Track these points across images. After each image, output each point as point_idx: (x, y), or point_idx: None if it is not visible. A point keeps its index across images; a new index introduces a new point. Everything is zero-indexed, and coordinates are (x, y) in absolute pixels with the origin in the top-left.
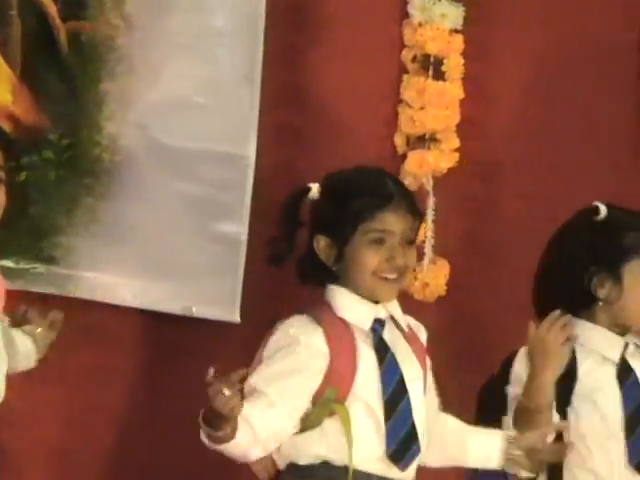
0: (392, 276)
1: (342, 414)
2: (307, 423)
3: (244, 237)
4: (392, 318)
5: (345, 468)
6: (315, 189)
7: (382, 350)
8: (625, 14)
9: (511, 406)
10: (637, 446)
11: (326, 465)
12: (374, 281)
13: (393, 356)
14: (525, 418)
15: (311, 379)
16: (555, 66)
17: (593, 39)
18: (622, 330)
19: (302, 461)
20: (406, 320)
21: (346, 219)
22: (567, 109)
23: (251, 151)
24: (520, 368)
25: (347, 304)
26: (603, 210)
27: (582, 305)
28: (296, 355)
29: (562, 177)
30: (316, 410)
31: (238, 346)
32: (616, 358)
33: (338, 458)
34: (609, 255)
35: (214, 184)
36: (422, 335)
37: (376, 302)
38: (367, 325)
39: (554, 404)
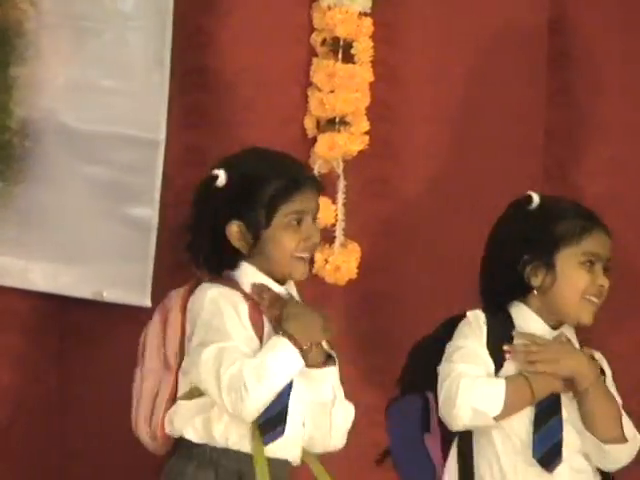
0: (307, 255)
1: None
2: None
3: (155, 221)
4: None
5: (217, 449)
6: (222, 176)
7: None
8: None
9: (449, 356)
10: (542, 441)
11: (202, 445)
12: (292, 261)
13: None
14: (524, 400)
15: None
16: (464, 49)
17: (502, 22)
18: (557, 322)
19: (188, 435)
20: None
21: (263, 203)
22: (476, 92)
23: (161, 135)
24: (466, 328)
25: (251, 279)
26: (536, 199)
27: (518, 294)
28: (234, 313)
29: (471, 160)
30: None
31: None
32: None
33: (215, 440)
34: (542, 244)
35: (124, 168)
36: None
37: (277, 281)
38: None
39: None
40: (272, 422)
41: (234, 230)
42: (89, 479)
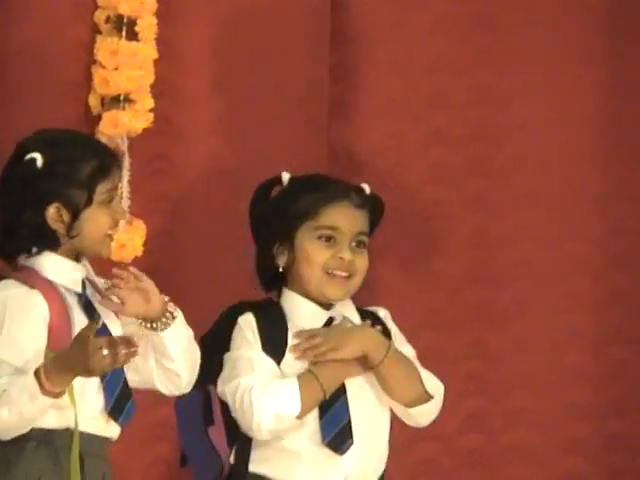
0: (112, 232)
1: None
2: None
3: None
4: (87, 280)
5: (58, 431)
6: (39, 158)
7: (89, 311)
8: None
9: (231, 371)
10: (329, 426)
11: (35, 428)
12: (105, 239)
13: (100, 316)
14: (316, 396)
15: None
16: (246, 25)
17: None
18: (327, 304)
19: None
20: (98, 279)
21: (82, 182)
22: (259, 69)
23: None
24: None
25: (55, 266)
26: (285, 179)
27: (281, 282)
28: (24, 318)
29: (254, 138)
30: None
31: None
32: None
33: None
34: (283, 227)
35: None
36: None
37: (77, 261)
38: (78, 287)
39: None
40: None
41: (51, 213)
42: None
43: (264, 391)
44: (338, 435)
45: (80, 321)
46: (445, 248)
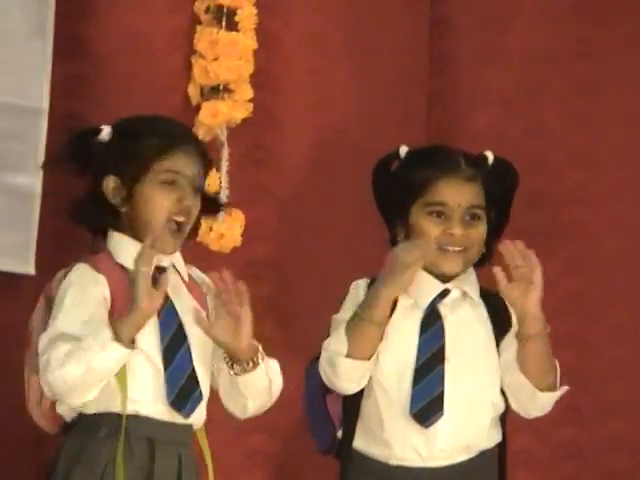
0: (180, 219)
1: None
2: None
3: (37, 189)
4: (174, 267)
5: (131, 417)
6: (106, 130)
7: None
8: None
9: (334, 329)
10: (418, 397)
11: (109, 414)
12: (164, 227)
13: (172, 304)
14: (358, 329)
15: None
16: (346, 17)
17: None
18: (446, 277)
19: (89, 410)
20: (193, 272)
21: (138, 158)
22: (357, 60)
23: (44, 103)
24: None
25: (126, 250)
26: (403, 152)
27: None
28: (91, 299)
29: (353, 127)
30: None
31: (33, 297)
32: (425, 304)
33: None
34: (399, 204)
35: (5, 136)
36: (209, 287)
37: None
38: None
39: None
40: (184, 392)
41: (110, 185)
42: None
43: (328, 342)
44: (426, 407)
45: None
46: (543, 239)
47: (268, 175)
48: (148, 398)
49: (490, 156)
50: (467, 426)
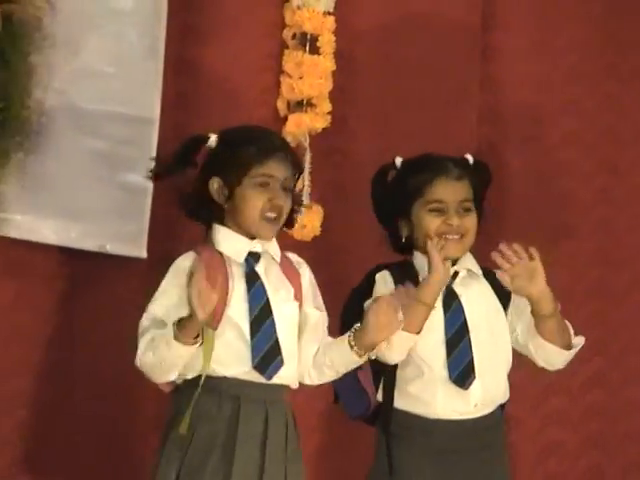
0: (273, 215)
1: (206, 338)
2: None
3: (150, 186)
4: (267, 252)
5: (223, 378)
6: (213, 138)
7: (252, 279)
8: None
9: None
10: (454, 364)
11: (207, 376)
12: (260, 220)
13: (261, 284)
14: (413, 308)
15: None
16: (408, 42)
17: (439, 20)
18: (449, 259)
19: (190, 375)
20: (288, 255)
21: (238, 164)
22: (420, 76)
23: (155, 114)
24: (381, 289)
25: (226, 240)
26: (398, 163)
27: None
28: (180, 287)
29: (411, 138)
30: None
31: (145, 278)
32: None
33: (214, 370)
34: (401, 205)
35: (123, 142)
36: (303, 268)
37: (252, 238)
38: (241, 258)
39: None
40: (267, 358)
41: (215, 186)
42: (92, 403)
43: None
44: (462, 373)
45: (239, 287)
46: (574, 232)
47: (343, 175)
48: (235, 362)
49: (470, 158)
50: (492, 384)
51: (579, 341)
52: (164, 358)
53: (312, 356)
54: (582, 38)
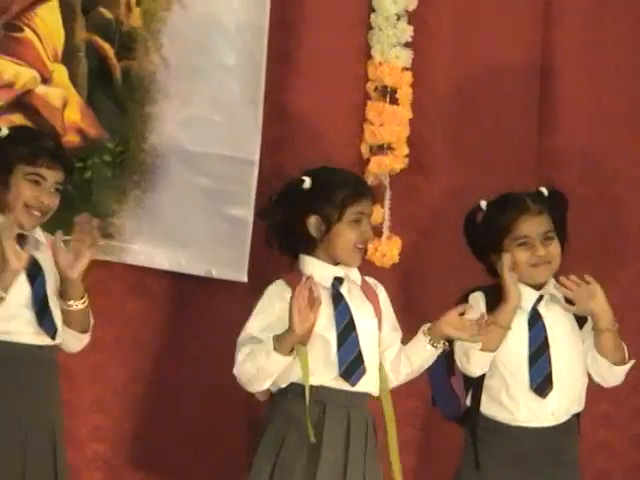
0: (362, 246)
1: (300, 353)
2: None
3: (250, 218)
4: (348, 277)
5: (311, 387)
6: (308, 181)
7: (337, 299)
8: (528, 49)
9: None
10: (535, 376)
11: (297, 385)
12: (353, 251)
13: (346, 303)
14: (493, 332)
15: (283, 323)
16: (474, 92)
17: (502, 71)
18: (538, 284)
19: (283, 384)
20: (367, 279)
21: (337, 204)
22: (486, 122)
23: (256, 155)
24: (473, 311)
25: (315, 268)
26: (483, 206)
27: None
28: (273, 310)
29: (477, 178)
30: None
31: (245, 299)
32: (528, 308)
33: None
34: (493, 242)
35: (228, 180)
36: (379, 290)
37: (336, 264)
38: (328, 282)
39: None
40: (351, 367)
41: (312, 222)
42: (195, 407)
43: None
44: (541, 383)
45: (326, 307)
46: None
47: (419, 210)
48: (323, 371)
49: (545, 191)
50: (568, 394)
51: (629, 362)
52: (262, 367)
53: (390, 362)
54: (636, 85)
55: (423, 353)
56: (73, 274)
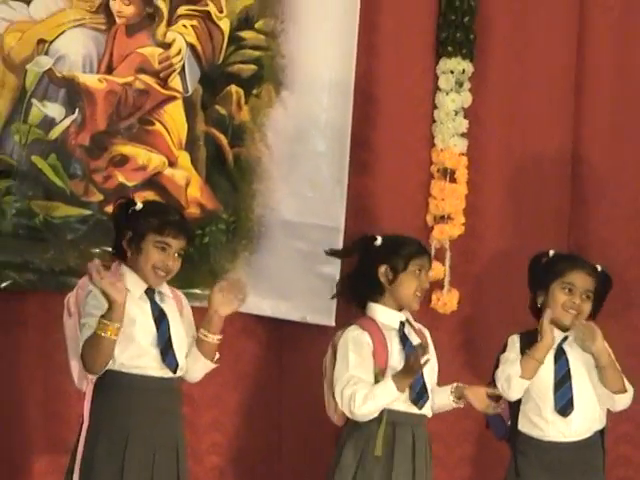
0: (421, 295)
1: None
2: None
3: (337, 275)
4: (407, 320)
5: (386, 411)
6: (380, 239)
7: (404, 339)
8: (560, 139)
9: (500, 363)
10: (560, 398)
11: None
12: (414, 297)
13: (410, 343)
14: (529, 363)
15: (370, 362)
16: (517, 174)
17: (534, 155)
18: (563, 326)
19: None
20: (417, 325)
21: (405, 257)
22: (514, 199)
23: (341, 224)
24: (510, 349)
25: (383, 314)
26: (551, 253)
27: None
28: (360, 351)
29: (518, 238)
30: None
31: (331, 339)
32: (555, 345)
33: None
34: (545, 281)
35: (319, 243)
36: (426, 332)
37: (399, 310)
38: (396, 325)
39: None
40: (419, 394)
41: (382, 271)
42: (300, 437)
43: (504, 369)
44: (564, 405)
45: (395, 348)
46: None
47: (473, 268)
48: (399, 399)
49: (599, 267)
50: (587, 415)
51: (629, 391)
52: (380, 405)
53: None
54: None
55: (445, 401)
56: (223, 311)
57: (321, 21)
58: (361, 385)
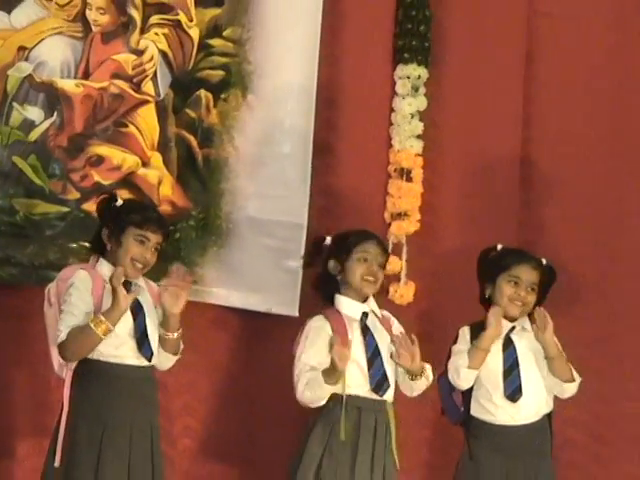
0: (371, 279)
1: (341, 378)
2: None
3: (300, 269)
4: (372, 311)
5: (349, 396)
6: (328, 239)
7: (365, 330)
8: (511, 142)
9: (452, 354)
10: (509, 384)
11: (338, 395)
12: (362, 282)
13: (372, 334)
14: (476, 353)
15: (326, 352)
16: (467, 167)
17: (490, 154)
18: (510, 317)
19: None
20: (384, 313)
21: (344, 248)
22: (469, 201)
23: (305, 221)
24: (461, 340)
25: (347, 305)
26: (499, 248)
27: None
28: (317, 340)
29: (470, 237)
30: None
31: (296, 329)
32: (503, 335)
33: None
34: (492, 275)
35: (285, 239)
36: (393, 321)
37: (364, 301)
38: (357, 316)
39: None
40: (379, 383)
41: (331, 264)
42: (267, 420)
43: (454, 360)
44: (513, 391)
45: (356, 337)
46: None
47: (429, 262)
48: (359, 386)
49: (544, 261)
50: (536, 400)
51: (577, 380)
52: (318, 395)
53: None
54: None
55: (402, 377)
56: (175, 310)
57: (285, 30)
58: (308, 374)
